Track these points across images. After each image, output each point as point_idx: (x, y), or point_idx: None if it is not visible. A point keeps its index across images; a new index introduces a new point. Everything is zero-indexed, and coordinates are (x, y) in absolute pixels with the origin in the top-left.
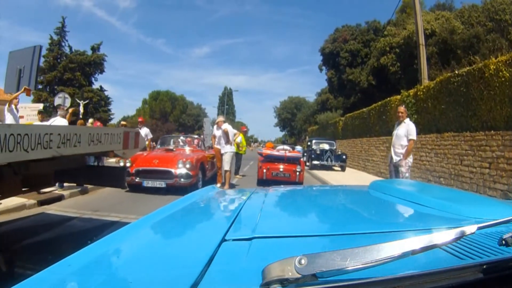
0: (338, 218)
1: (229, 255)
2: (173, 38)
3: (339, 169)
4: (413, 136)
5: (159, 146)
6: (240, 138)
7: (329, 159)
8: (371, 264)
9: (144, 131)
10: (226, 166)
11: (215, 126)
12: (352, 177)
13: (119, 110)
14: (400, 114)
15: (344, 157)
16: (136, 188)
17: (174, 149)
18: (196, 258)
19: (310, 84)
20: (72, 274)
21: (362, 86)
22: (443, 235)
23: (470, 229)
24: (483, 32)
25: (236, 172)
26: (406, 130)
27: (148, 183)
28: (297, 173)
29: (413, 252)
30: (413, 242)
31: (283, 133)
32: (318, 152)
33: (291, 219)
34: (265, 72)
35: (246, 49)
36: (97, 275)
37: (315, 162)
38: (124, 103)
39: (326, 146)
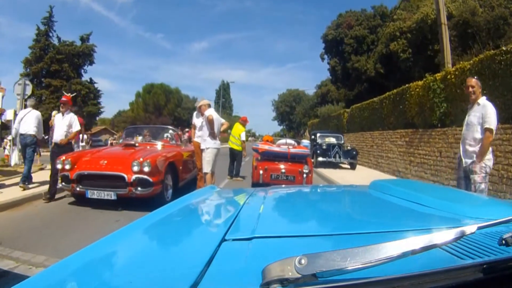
0: (338, 218)
1: (229, 255)
2: (172, 33)
3: (348, 166)
4: (491, 123)
5: (121, 141)
6: (243, 134)
7: (337, 155)
8: (371, 264)
9: (68, 119)
10: (206, 167)
11: (195, 113)
12: (365, 177)
13: (116, 105)
14: (470, 89)
15: (354, 153)
16: (83, 200)
17: (137, 144)
18: (196, 258)
19: (309, 80)
20: (72, 274)
21: (369, 74)
22: (443, 235)
23: (470, 229)
24: (508, 14)
25: (237, 175)
26: (480, 115)
27: (93, 194)
28: (304, 175)
29: (413, 252)
30: (413, 242)
31: (282, 127)
32: (324, 147)
33: (291, 219)
34: (264, 66)
35: (245, 44)
36: (96, 275)
37: (321, 159)
38: (122, 98)
39: (333, 140)
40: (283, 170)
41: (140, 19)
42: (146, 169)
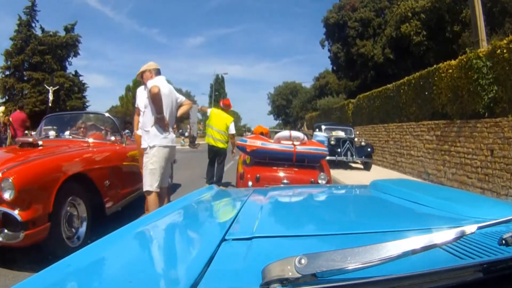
0: (338, 218)
1: (229, 255)
2: (168, 28)
3: (360, 166)
4: None
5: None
6: (232, 125)
7: (348, 153)
8: (371, 264)
9: None
10: (149, 180)
11: (139, 89)
12: None
13: (111, 101)
14: None
15: (369, 150)
16: None
17: (40, 143)
18: (196, 258)
19: (306, 74)
20: (71, 274)
21: (377, 61)
22: (443, 235)
23: (470, 229)
24: None
25: (219, 181)
26: None
27: None
28: None
29: (413, 252)
30: (413, 242)
31: (278, 121)
32: (332, 142)
33: (291, 219)
34: (260, 61)
35: (241, 38)
36: (96, 275)
37: (328, 157)
38: (117, 93)
39: (341, 134)
40: (285, 180)
41: (135, 14)
42: (6, 195)
